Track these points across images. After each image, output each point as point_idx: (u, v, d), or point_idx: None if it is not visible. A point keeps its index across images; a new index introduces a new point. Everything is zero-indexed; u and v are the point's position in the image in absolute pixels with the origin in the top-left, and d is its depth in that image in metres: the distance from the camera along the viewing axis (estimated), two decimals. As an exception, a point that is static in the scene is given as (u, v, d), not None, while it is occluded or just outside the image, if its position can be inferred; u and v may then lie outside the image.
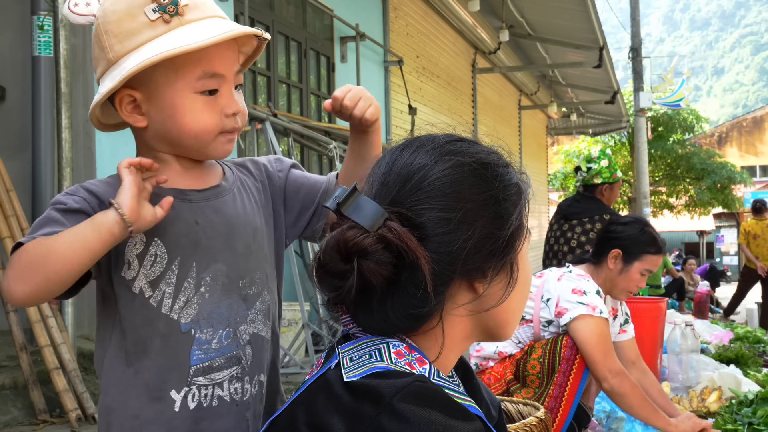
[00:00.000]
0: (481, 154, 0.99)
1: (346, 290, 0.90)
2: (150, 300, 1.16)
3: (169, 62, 1.12)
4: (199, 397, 1.18)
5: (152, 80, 1.14)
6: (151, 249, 1.17)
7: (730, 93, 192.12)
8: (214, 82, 1.16)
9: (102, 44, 1.16)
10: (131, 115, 1.18)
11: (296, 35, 6.83)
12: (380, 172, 0.99)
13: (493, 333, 1.03)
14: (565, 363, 2.61)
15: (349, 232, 0.90)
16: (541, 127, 17.80)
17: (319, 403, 0.90)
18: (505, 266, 0.98)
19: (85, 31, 4.15)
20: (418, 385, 0.86)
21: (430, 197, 0.94)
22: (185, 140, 1.18)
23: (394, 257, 0.90)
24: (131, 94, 1.16)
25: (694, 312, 9.34)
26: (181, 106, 1.15)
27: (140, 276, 1.16)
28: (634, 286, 2.85)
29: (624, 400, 2.54)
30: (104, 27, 1.15)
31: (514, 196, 0.99)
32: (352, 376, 0.89)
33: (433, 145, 0.99)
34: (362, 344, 0.95)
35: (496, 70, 12.41)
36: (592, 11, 9.83)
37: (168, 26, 1.13)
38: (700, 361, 4.14)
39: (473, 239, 0.93)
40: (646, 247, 2.83)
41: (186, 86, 1.15)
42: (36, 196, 3.92)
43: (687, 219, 24.31)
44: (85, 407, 3.36)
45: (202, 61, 1.14)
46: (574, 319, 2.62)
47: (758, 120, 37.25)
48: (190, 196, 1.22)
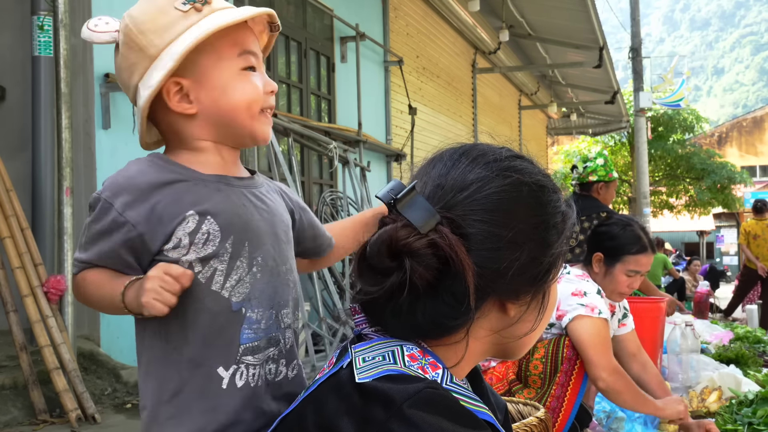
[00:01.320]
0: (539, 176, 0.99)
1: (386, 287, 0.90)
2: (198, 276, 1.18)
3: (209, 46, 1.19)
4: (247, 376, 1.20)
5: (197, 65, 1.20)
6: (203, 227, 1.18)
7: (730, 93, 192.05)
8: (251, 59, 1.24)
9: (139, 45, 1.20)
10: (180, 104, 1.21)
11: (296, 35, 6.83)
12: (435, 174, 0.98)
13: (508, 353, 1.03)
14: (567, 363, 2.61)
15: (402, 231, 0.90)
16: (541, 127, 17.80)
17: (329, 404, 0.90)
18: (538, 293, 0.98)
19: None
20: (429, 391, 0.85)
21: (485, 210, 0.93)
22: (237, 115, 1.23)
23: (441, 264, 0.89)
24: (178, 82, 1.20)
25: (694, 312, 9.35)
26: (229, 81, 1.22)
27: (190, 253, 1.18)
28: (623, 287, 2.80)
29: (619, 398, 2.55)
30: (138, 29, 1.20)
31: (561, 224, 0.99)
32: (364, 378, 0.89)
33: (494, 158, 0.98)
34: (376, 345, 0.95)
35: (496, 70, 12.41)
36: (592, 11, 9.83)
37: (201, 14, 1.20)
38: (700, 361, 4.14)
39: (520, 261, 0.93)
40: (625, 248, 2.76)
41: (230, 64, 1.22)
42: (36, 196, 3.92)
43: (687, 219, 24.32)
44: (85, 407, 3.36)
45: (238, 40, 1.22)
46: (572, 320, 2.62)
47: (758, 120, 37.24)
48: (233, 182, 1.25)
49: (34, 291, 3.51)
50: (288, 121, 5.69)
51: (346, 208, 6.74)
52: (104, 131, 4.24)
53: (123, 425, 3.34)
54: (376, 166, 8.00)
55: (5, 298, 3.48)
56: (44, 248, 3.79)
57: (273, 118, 1.33)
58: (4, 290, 3.49)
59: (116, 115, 4.29)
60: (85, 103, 4.15)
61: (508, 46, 12.15)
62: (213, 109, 1.22)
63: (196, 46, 1.17)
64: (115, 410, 3.58)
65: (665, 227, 25.49)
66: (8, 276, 3.51)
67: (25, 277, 3.51)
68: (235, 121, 1.23)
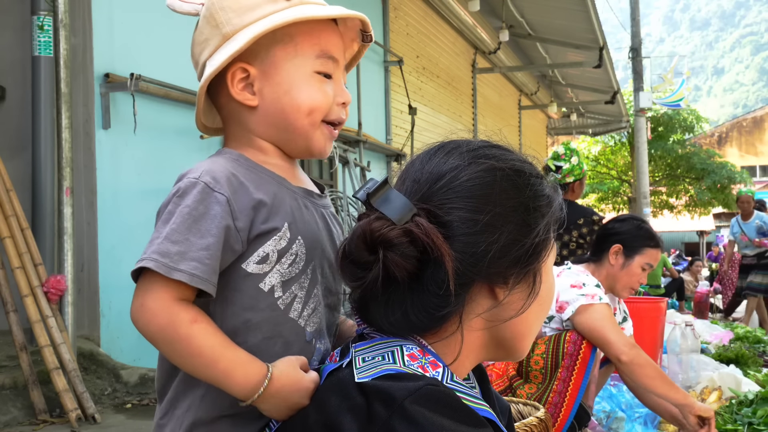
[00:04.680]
0: (515, 162, 0.99)
1: (368, 281, 0.91)
2: (278, 301, 1.07)
3: (288, 37, 1.10)
4: None
5: (270, 54, 1.10)
6: (293, 247, 1.07)
7: (730, 93, 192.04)
8: (330, 65, 1.13)
9: (217, 20, 1.10)
10: (242, 93, 1.11)
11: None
12: (413, 170, 1.00)
13: (508, 346, 1.02)
14: (568, 359, 2.62)
15: (375, 223, 0.91)
16: (541, 127, 17.80)
17: (331, 402, 0.90)
18: (528, 275, 0.98)
19: (85, 30, 4.15)
20: (430, 388, 0.85)
21: (460, 197, 0.94)
22: (296, 119, 1.11)
23: (419, 252, 0.90)
24: (245, 68, 1.10)
25: (694, 312, 9.35)
26: (298, 81, 1.10)
27: (274, 272, 1.06)
28: (635, 281, 2.86)
29: (644, 371, 2.49)
30: (220, 4, 1.10)
31: (544, 207, 0.99)
32: (363, 377, 0.89)
33: (468, 148, 0.99)
34: (376, 345, 0.95)
35: (496, 70, 12.41)
36: (592, 11, 9.83)
37: (289, 3, 1.10)
38: (700, 361, 4.15)
39: (498, 243, 0.93)
40: (645, 240, 2.85)
41: (305, 63, 1.11)
42: (36, 196, 3.92)
43: (687, 219, 24.32)
44: (85, 407, 3.36)
45: (321, 40, 1.12)
46: (576, 312, 2.63)
47: (758, 120, 37.27)
48: (315, 200, 1.16)
49: (34, 291, 3.51)
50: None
51: (346, 208, 6.74)
52: (104, 131, 4.24)
53: (123, 425, 3.34)
54: (376, 166, 8.00)
55: (5, 298, 3.48)
56: (44, 248, 3.79)
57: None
58: (4, 290, 3.49)
59: (116, 115, 4.29)
60: (85, 103, 4.15)
61: (508, 46, 12.15)
62: (273, 107, 1.11)
63: (273, 35, 1.08)
64: (115, 410, 3.58)
65: (665, 227, 25.47)
66: (8, 276, 3.51)
67: (25, 277, 3.51)
68: (293, 125, 1.11)
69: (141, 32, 4.54)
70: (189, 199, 1.00)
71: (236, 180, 1.04)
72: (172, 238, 0.98)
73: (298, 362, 1.03)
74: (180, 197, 1.01)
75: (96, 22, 4.19)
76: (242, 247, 1.03)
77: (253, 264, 1.04)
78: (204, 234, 0.98)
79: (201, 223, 0.99)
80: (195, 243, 0.98)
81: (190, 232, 0.98)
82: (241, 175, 1.06)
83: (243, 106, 1.12)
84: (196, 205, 0.99)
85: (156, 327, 0.98)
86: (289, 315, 1.07)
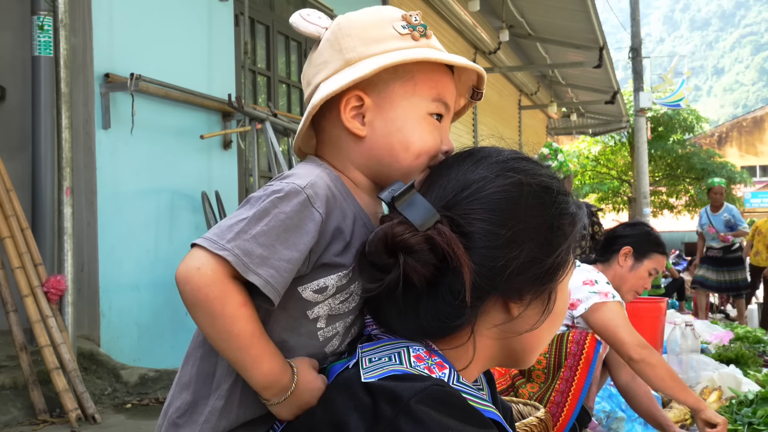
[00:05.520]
0: (543, 178, 0.99)
1: (385, 284, 0.91)
2: (319, 332, 1.05)
3: (409, 75, 1.09)
4: None
5: (388, 88, 1.09)
6: (352, 287, 1.04)
7: (730, 93, 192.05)
8: (443, 108, 1.12)
9: (342, 45, 1.09)
10: (352, 120, 1.08)
11: (296, 35, 6.82)
12: (439, 176, 1.00)
13: (517, 358, 1.03)
14: (571, 358, 2.62)
15: (398, 227, 0.91)
16: (541, 127, 17.80)
17: (338, 401, 0.91)
18: (543, 293, 0.98)
19: (85, 30, 4.15)
20: (436, 389, 0.86)
21: (485, 209, 0.94)
22: (405, 159, 1.08)
23: (438, 260, 0.90)
24: (361, 97, 1.08)
25: (694, 312, 9.34)
26: (412, 120, 1.09)
27: (325, 305, 1.03)
28: (641, 284, 2.89)
29: (656, 372, 2.48)
30: (347, 30, 1.10)
31: (568, 227, 0.98)
32: (369, 377, 0.90)
33: (497, 159, 0.99)
34: (383, 346, 0.96)
35: (496, 70, 12.40)
36: (592, 11, 9.83)
37: (416, 43, 1.11)
38: (700, 361, 4.15)
39: (519, 260, 0.93)
40: (654, 246, 2.91)
41: (421, 103, 1.09)
42: (36, 196, 3.92)
43: (687, 219, 24.30)
44: (85, 407, 3.36)
45: (439, 84, 1.11)
46: (589, 310, 2.63)
47: (758, 120, 37.28)
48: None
49: (34, 291, 3.51)
50: (288, 121, 5.69)
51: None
52: (104, 131, 4.24)
53: (123, 425, 3.34)
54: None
55: (5, 298, 3.48)
56: (44, 248, 3.79)
57: (273, 118, 1.28)
58: (4, 290, 3.49)
59: (116, 115, 4.29)
60: (85, 103, 4.15)
61: (508, 46, 12.15)
62: (382, 141, 1.08)
63: (395, 70, 1.08)
64: (115, 410, 3.58)
65: (665, 227, 25.45)
66: (8, 276, 3.51)
67: (25, 277, 3.51)
68: (399, 164, 1.08)
69: (141, 32, 4.54)
70: (288, 206, 0.98)
71: (332, 202, 1.03)
72: (260, 240, 0.96)
73: (311, 363, 1.03)
74: (280, 199, 0.99)
75: (96, 22, 4.19)
76: (306, 270, 1.01)
77: (310, 291, 1.02)
78: (290, 246, 0.97)
79: (291, 234, 0.98)
80: (279, 252, 0.97)
81: (278, 240, 0.97)
82: (335, 199, 1.04)
83: (349, 134, 1.10)
84: (292, 215, 0.98)
85: (204, 296, 0.95)
86: (325, 349, 1.06)
